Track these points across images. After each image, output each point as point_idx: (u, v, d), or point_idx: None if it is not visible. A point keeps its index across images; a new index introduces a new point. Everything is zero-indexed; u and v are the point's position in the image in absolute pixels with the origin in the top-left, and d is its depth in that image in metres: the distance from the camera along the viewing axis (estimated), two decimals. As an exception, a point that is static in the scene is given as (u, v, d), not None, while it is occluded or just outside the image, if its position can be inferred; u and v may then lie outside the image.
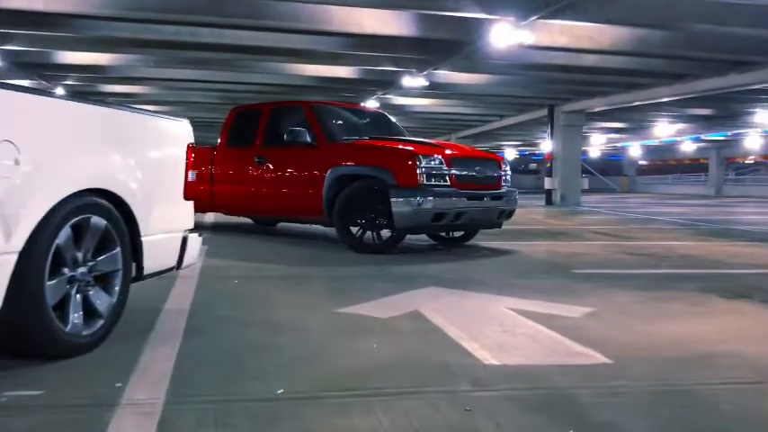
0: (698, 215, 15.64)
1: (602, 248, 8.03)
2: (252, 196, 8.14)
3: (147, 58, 12.54)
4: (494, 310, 4.23)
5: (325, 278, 5.49)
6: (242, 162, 8.33)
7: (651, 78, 13.74)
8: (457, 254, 7.34)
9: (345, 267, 6.14)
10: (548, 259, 6.97)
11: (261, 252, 7.23)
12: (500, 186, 7.58)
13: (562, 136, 18.68)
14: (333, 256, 6.89)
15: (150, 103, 20.13)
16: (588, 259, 7.02)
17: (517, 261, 6.81)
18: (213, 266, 5.94)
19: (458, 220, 6.90)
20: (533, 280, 5.59)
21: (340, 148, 7.41)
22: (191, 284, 4.97)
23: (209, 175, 8.70)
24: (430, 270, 6.02)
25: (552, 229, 10.93)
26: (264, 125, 8.21)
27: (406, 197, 6.63)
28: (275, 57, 12.00)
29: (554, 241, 8.96)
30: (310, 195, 7.42)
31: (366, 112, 8.85)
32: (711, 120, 23.13)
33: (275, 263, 6.28)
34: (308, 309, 4.22)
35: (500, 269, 6.23)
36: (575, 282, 5.53)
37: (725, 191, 36.96)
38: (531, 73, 13.28)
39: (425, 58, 11.78)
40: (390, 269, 6.01)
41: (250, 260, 6.46)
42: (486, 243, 8.13)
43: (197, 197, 8.91)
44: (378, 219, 7.00)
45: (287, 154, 7.82)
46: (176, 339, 3.39)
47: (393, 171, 6.76)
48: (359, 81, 14.10)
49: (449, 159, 6.93)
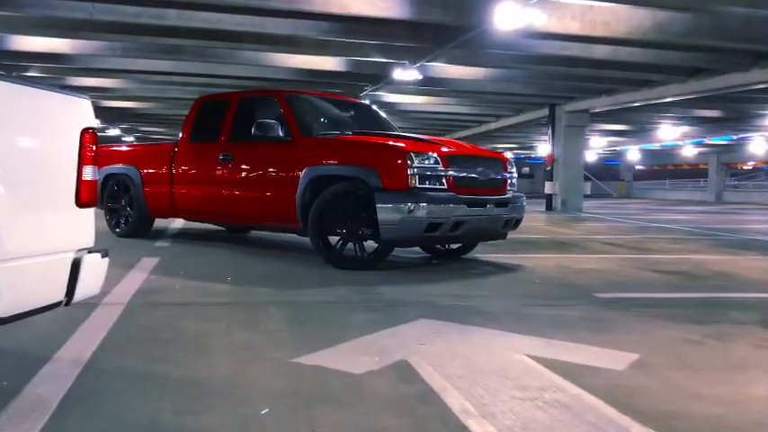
0: (708, 223, 14.58)
1: (620, 264, 6.93)
2: (215, 200, 7.01)
3: (113, 46, 11.36)
4: (508, 360, 3.12)
5: (288, 305, 4.34)
6: (205, 160, 7.19)
7: (663, 75, 12.64)
8: (454, 270, 6.22)
9: (317, 289, 5.00)
10: (561, 278, 5.87)
11: (219, 266, 6.08)
12: (505, 191, 6.47)
13: (564, 137, 17.59)
14: (305, 273, 5.76)
15: (127, 99, 18.96)
16: (609, 278, 5.92)
17: (526, 280, 5.70)
18: (154, 287, 4.80)
19: (456, 230, 5.79)
20: (550, 308, 4.48)
21: (317, 144, 6.29)
22: (112, 314, 3.83)
23: (168, 174, 7.55)
24: (422, 292, 4.90)
25: (558, 238, 9.83)
26: (232, 117, 7.07)
27: (395, 203, 5.51)
28: (254, 45, 10.84)
29: (563, 254, 7.85)
30: (282, 199, 6.31)
31: (349, 103, 7.73)
32: (718, 122, 22.13)
33: (232, 282, 5.13)
34: (254, 357, 3.08)
35: (507, 292, 5.12)
36: (601, 310, 4.44)
37: (725, 197, 36.03)
38: (534, 67, 12.17)
39: (418, 47, 10.65)
40: (373, 291, 4.89)
41: (203, 277, 5.32)
42: (486, 256, 7.03)
43: (155, 200, 7.82)
44: (361, 228, 5.89)
45: (256, 151, 6.70)
46: (39, 419, 2.25)
47: (379, 172, 5.65)
48: (346, 75, 12.95)
49: (446, 158, 5.82)
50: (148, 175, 7.83)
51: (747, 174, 45.19)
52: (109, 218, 8.37)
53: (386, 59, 11.41)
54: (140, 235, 8.07)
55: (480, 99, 17.95)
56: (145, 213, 7.91)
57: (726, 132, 25.25)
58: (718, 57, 11.05)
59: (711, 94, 13.42)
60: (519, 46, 10.35)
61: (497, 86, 15.17)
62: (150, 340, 3.34)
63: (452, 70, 13.12)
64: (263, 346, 3.28)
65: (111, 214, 8.34)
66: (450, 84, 14.69)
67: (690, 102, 16.43)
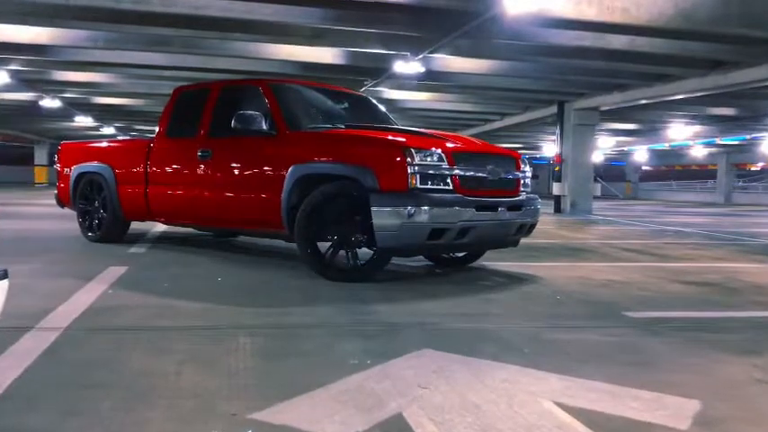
0: (725, 227, 13.83)
1: (644, 274, 6.20)
2: (192, 202, 6.29)
3: (94, 36, 10.63)
4: (533, 411, 2.40)
5: (262, 331, 3.61)
6: (182, 157, 6.48)
7: (682, 68, 11.85)
8: (460, 282, 5.48)
9: (301, 308, 4.26)
10: (583, 292, 5.13)
11: (194, 278, 5.35)
12: (518, 192, 5.74)
13: (573, 136, 16.79)
14: (290, 286, 5.03)
15: (118, 96, 18.25)
16: (636, 292, 5.18)
17: (543, 295, 4.96)
18: (108, 305, 4.08)
19: (463, 237, 5.05)
20: (577, 332, 3.75)
21: (306, 138, 5.56)
22: (40, 344, 3.11)
23: (143, 173, 6.83)
24: (424, 311, 4.18)
25: (571, 244, 9.08)
26: (212, 110, 6.34)
27: (393, 206, 4.79)
28: (244, 34, 10.10)
29: (580, 262, 7.11)
30: (265, 201, 5.59)
31: (343, 94, 6.97)
32: (732, 121, 21.33)
33: (199, 298, 4.40)
34: (204, 411, 2.35)
35: (524, 310, 4.38)
36: (637, 335, 3.72)
37: (734, 199, 35.25)
38: (544, 60, 11.39)
39: (421, 37, 9.90)
40: (366, 310, 4.16)
41: (171, 292, 4.59)
42: (495, 264, 6.31)
43: (129, 202, 7.09)
44: (354, 234, 5.17)
45: (236, 147, 5.98)
46: None
47: (375, 170, 4.92)
48: (344, 68, 12.19)
49: (451, 155, 5.08)
50: (122, 174, 7.11)
51: (755, 175, 44.44)
52: (81, 220, 7.68)
53: (386, 51, 10.65)
54: (114, 239, 7.36)
55: (485, 96, 17.18)
56: (119, 216, 7.20)
57: (738, 132, 24.45)
58: (744, 48, 10.25)
59: (732, 89, 12.61)
60: (529, 36, 9.60)
61: (504, 82, 14.40)
62: (75, 384, 2.61)
63: (457, 63, 12.35)
64: (219, 393, 2.54)
65: (83, 216, 7.65)
66: (454, 78, 13.93)
67: (704, 99, 15.65)
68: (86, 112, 21.78)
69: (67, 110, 20.67)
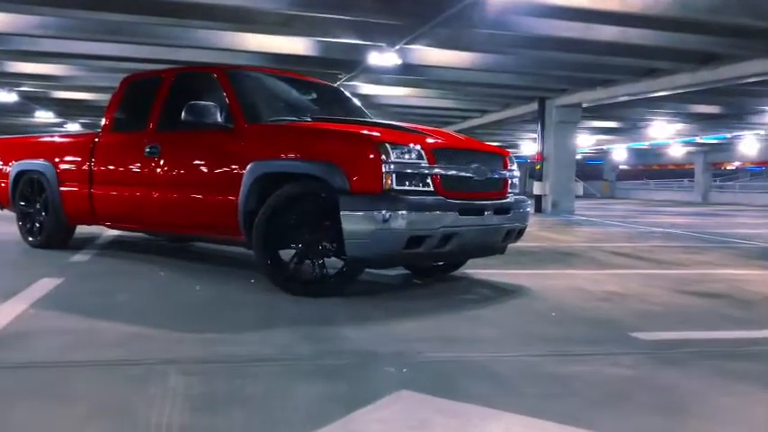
0: (710, 227, 13.39)
1: (644, 283, 5.62)
2: (139, 204, 5.58)
3: (45, 23, 9.81)
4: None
5: (200, 367, 2.93)
6: (129, 154, 5.76)
7: (673, 62, 11.32)
8: (442, 295, 4.85)
9: (254, 333, 3.58)
10: (580, 307, 4.53)
11: (136, 293, 4.64)
12: (506, 193, 5.13)
13: (554, 134, 16.26)
14: (245, 303, 4.35)
15: (79, 90, 17.32)
16: (641, 307, 4.60)
17: (537, 312, 4.34)
18: (18, 331, 3.39)
19: (445, 245, 4.41)
20: (583, 362, 3.14)
21: (266, 132, 4.89)
22: None
23: (87, 172, 6.10)
24: (401, 335, 3.54)
25: (558, 247, 8.50)
26: (162, 100, 5.64)
27: (365, 210, 4.15)
28: (208, 22, 9.35)
29: (570, 269, 6.53)
30: (219, 204, 4.91)
31: (311, 84, 6.28)
32: (714, 119, 21.02)
33: (134, 319, 3.70)
34: None
35: (517, 332, 3.75)
36: (653, 365, 3.14)
37: (711, 198, 35.15)
38: (528, 53, 10.80)
39: (397, 25, 9.24)
40: (332, 335, 3.50)
41: (103, 312, 3.89)
42: (479, 273, 5.70)
43: (72, 204, 6.34)
44: (321, 242, 4.51)
45: (188, 141, 5.30)
46: None
47: (345, 168, 4.27)
48: (317, 60, 11.48)
49: (432, 152, 4.44)
50: (65, 172, 6.37)
51: (730, 174, 44.58)
52: (21, 224, 6.92)
53: (360, 41, 9.97)
54: (58, 245, 6.62)
55: (465, 92, 16.58)
56: (61, 219, 6.45)
57: (720, 131, 24.18)
58: (740, 40, 9.71)
59: (723, 84, 12.12)
60: (513, 25, 9.01)
61: (485, 77, 13.80)
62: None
63: (435, 56, 11.71)
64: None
65: (23, 219, 6.89)
66: (432, 73, 13.30)
67: (688, 96, 15.23)
68: (47, 106, 20.75)
69: (26, 104, 19.66)
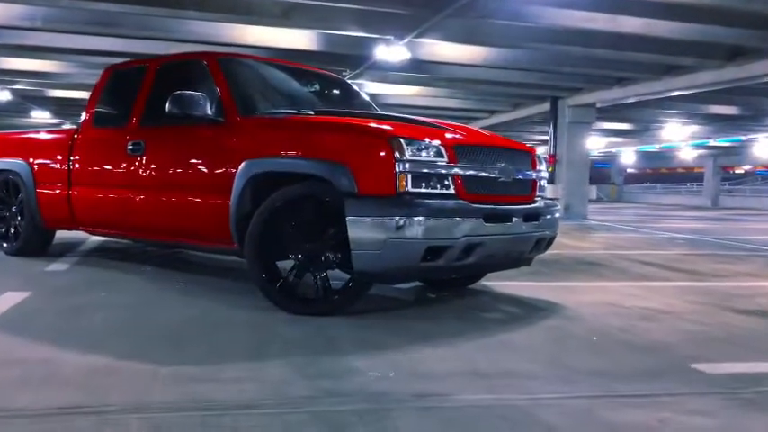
0: (732, 233, 12.76)
1: (684, 298, 5.00)
2: (120, 208, 4.99)
3: (31, 13, 9.21)
4: None
5: (169, 417, 2.32)
6: (110, 151, 5.16)
7: (697, 58, 10.67)
8: (462, 314, 4.23)
9: (240, 365, 2.97)
10: (622, 328, 3.91)
11: (105, 309, 4.01)
12: (534, 196, 4.53)
13: (567, 135, 15.62)
14: (233, 324, 3.73)
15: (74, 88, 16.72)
16: (690, 328, 3.99)
17: (575, 336, 3.72)
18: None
19: (467, 257, 3.80)
20: (647, 408, 2.53)
21: (262, 126, 4.28)
22: None
23: (65, 171, 5.50)
24: (418, 369, 2.93)
25: (579, 255, 7.85)
26: (147, 92, 5.04)
27: (376, 216, 3.55)
28: (201, 13, 8.76)
29: (599, 280, 5.92)
30: (208, 208, 4.32)
31: (314, 74, 5.65)
32: (729, 121, 20.36)
33: (100, 346, 3.10)
34: None
35: (558, 366, 3.13)
36: (733, 409, 2.58)
37: (721, 202, 34.44)
38: (543, 47, 10.14)
39: (406, 14, 8.62)
40: (336, 369, 2.89)
41: (59, 337, 3.29)
42: (500, 285, 5.12)
43: (50, 207, 5.65)
44: (324, 253, 3.90)
45: (174, 137, 4.69)
46: None
47: (352, 167, 3.67)
48: (320, 56, 10.86)
49: (453, 149, 3.83)
50: (42, 172, 5.79)
51: (739, 178, 43.94)
52: (-5, 229, 6.32)
53: (366, 33, 9.35)
54: (34, 252, 6.04)
55: (475, 90, 15.96)
56: (39, 224, 5.87)
57: (734, 133, 23.50)
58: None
59: (750, 83, 11.46)
60: (532, 15, 8.39)
61: (495, 75, 13.17)
62: None
63: (446, 51, 11.09)
64: None
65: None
66: (441, 70, 12.68)
67: (706, 96, 14.59)
68: (43, 106, 20.17)
69: (21, 104, 19.10)
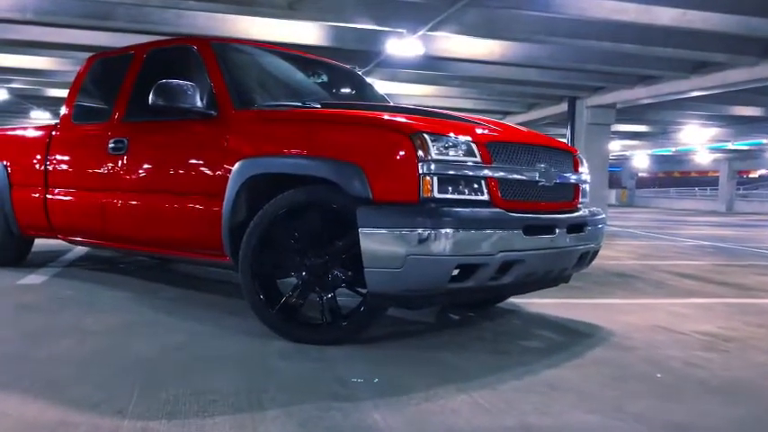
0: (761, 240, 12.13)
1: (739, 319, 4.37)
2: (99, 214, 4.38)
3: (22, 4, 8.66)
4: None
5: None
6: (90, 150, 4.57)
7: (729, 53, 10.00)
8: (494, 341, 3.59)
9: (218, 420, 2.35)
10: (685, 360, 3.28)
11: (76, 334, 3.41)
12: (577, 203, 3.89)
13: (586, 137, 14.93)
14: (220, 357, 3.11)
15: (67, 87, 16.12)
16: (764, 359, 3.35)
17: (632, 370, 3.09)
18: None
19: (503, 276, 3.16)
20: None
21: (260, 121, 3.67)
22: None
23: (42, 173, 4.91)
24: (451, 421, 2.28)
25: (609, 266, 7.18)
26: (131, 84, 4.45)
27: (395, 226, 2.92)
28: (207, 4, 8.16)
29: (639, 297, 5.27)
30: (197, 215, 3.72)
31: (321, 64, 5.02)
32: (751, 123, 19.62)
33: (54, 389, 2.51)
34: None
35: (621, 414, 2.49)
36: None
37: (736, 207, 33.66)
38: (568, 42, 9.43)
39: (420, 4, 7.95)
40: (347, 425, 2.26)
41: (5, 375, 2.68)
42: (531, 303, 4.48)
43: (26, 212, 4.91)
44: (332, 270, 3.28)
45: (160, 133, 4.09)
46: None
47: (366, 168, 3.05)
48: (328, 51, 10.19)
49: (486, 146, 3.21)
50: (17, 173, 5.21)
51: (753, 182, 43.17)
52: (-31, 235, 5.72)
53: (376, 26, 8.73)
54: (10, 262, 5.46)
55: (489, 90, 15.30)
56: (14, 230, 5.27)
57: (754, 135, 22.76)
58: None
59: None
60: (558, 6, 7.74)
61: (513, 73, 12.53)
62: None
63: (460, 47, 10.44)
64: None
65: (-28, 230, 5.69)
66: (455, 67, 12.04)
67: (730, 96, 13.92)
68: (42, 106, 19.61)
69: (19, 103, 18.55)
